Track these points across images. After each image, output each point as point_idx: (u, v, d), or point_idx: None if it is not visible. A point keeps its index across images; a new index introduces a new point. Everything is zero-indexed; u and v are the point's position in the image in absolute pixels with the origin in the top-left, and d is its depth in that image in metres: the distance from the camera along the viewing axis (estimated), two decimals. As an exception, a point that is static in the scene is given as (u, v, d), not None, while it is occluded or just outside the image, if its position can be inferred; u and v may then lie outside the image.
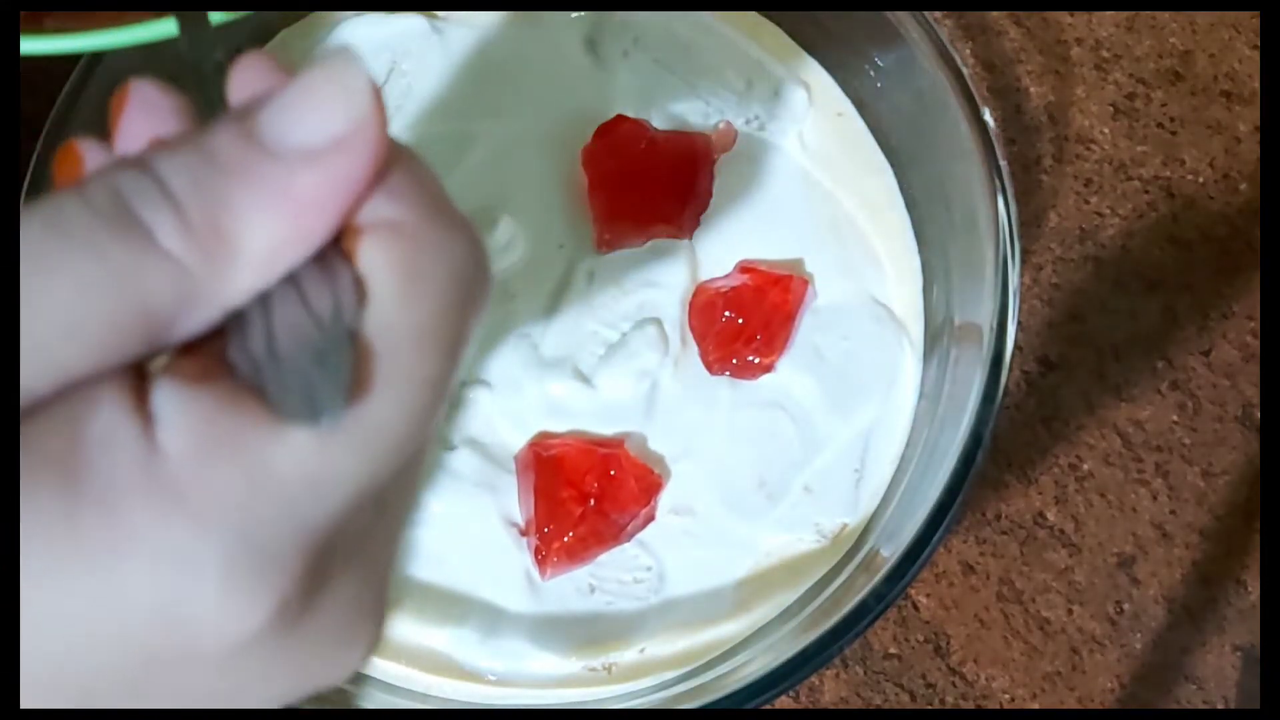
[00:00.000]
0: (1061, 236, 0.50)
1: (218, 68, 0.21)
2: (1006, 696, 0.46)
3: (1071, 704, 0.46)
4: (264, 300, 0.17)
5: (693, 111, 0.45)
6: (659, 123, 0.45)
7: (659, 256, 0.44)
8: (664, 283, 0.43)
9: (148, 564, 0.15)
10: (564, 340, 0.43)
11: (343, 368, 0.17)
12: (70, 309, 0.16)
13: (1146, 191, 0.50)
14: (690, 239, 0.44)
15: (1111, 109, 0.51)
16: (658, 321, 0.43)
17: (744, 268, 0.44)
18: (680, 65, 0.46)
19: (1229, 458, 0.48)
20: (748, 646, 0.41)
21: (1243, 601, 0.47)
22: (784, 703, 0.45)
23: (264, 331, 0.17)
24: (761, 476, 0.43)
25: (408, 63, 0.46)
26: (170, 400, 0.16)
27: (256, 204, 0.17)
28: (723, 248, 0.44)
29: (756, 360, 0.43)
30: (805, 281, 0.44)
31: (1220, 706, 0.46)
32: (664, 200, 0.44)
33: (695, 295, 0.43)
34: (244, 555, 0.16)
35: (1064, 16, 0.52)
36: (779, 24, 0.47)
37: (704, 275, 0.44)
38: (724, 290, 0.43)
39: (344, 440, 0.17)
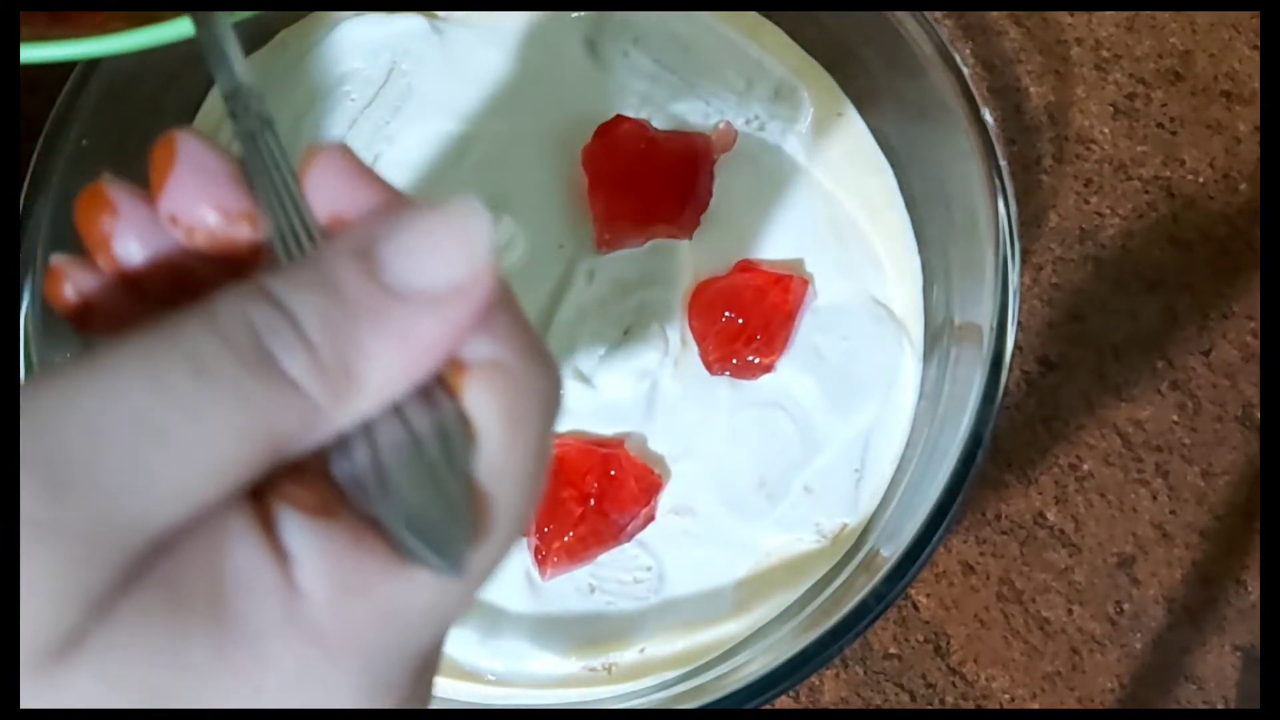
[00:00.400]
0: (1061, 236, 0.50)
1: (264, 124, 0.21)
2: (1006, 696, 0.46)
3: (1071, 704, 0.46)
4: (369, 424, 0.18)
5: (693, 111, 0.45)
6: (659, 123, 0.45)
7: (659, 256, 0.44)
8: (664, 283, 0.43)
9: (290, 696, 0.17)
10: (564, 340, 0.43)
11: (465, 514, 0.18)
12: (213, 450, 0.16)
13: (1146, 191, 0.50)
14: (690, 239, 0.44)
15: (1111, 109, 0.51)
16: (658, 321, 0.43)
17: (744, 268, 0.44)
18: (680, 65, 0.46)
19: (1229, 458, 0.48)
20: (748, 646, 0.41)
21: (1243, 601, 0.47)
22: (784, 703, 0.45)
23: (367, 449, 0.18)
24: (761, 476, 0.43)
25: (407, 63, 0.46)
26: (302, 538, 0.17)
27: (381, 345, 0.18)
28: (723, 248, 0.44)
29: (756, 360, 0.43)
30: (805, 281, 0.44)
31: (1220, 707, 0.46)
32: (664, 200, 0.44)
33: (695, 295, 0.43)
34: (370, 685, 0.17)
35: (1064, 16, 0.52)
36: (779, 24, 0.47)
37: (704, 275, 0.44)
38: (724, 290, 0.43)
39: (460, 579, 0.18)
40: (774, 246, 0.44)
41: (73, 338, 0.41)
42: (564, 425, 0.42)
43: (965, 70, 0.40)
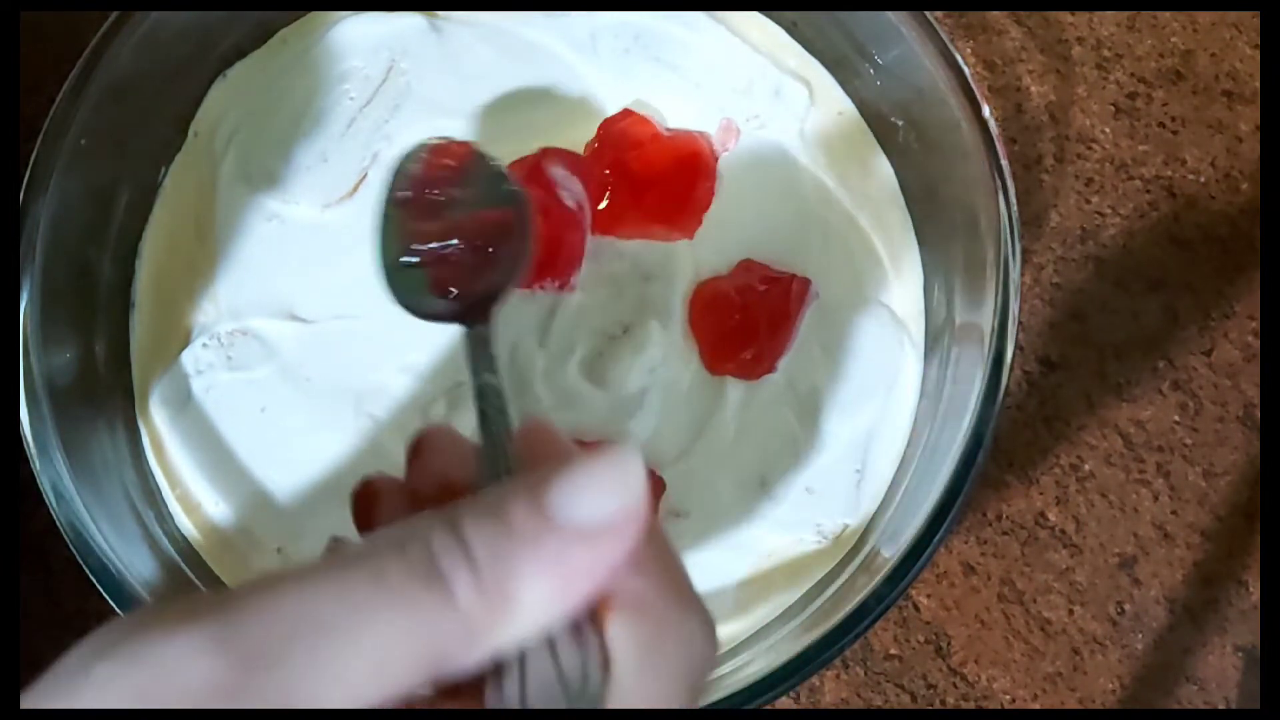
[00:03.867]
0: (1063, 236, 0.50)
1: (501, 413, 0.27)
2: (1007, 697, 0.46)
3: (1072, 705, 0.46)
4: (522, 655, 0.20)
5: (693, 111, 0.45)
6: (659, 122, 0.45)
7: (660, 255, 0.44)
8: (665, 281, 0.43)
9: None
10: (564, 338, 0.43)
11: None
12: (380, 650, 0.19)
13: (1148, 191, 0.50)
14: (691, 238, 0.44)
15: (1113, 108, 0.51)
16: (658, 320, 0.43)
17: (745, 267, 0.43)
18: (681, 64, 0.46)
19: (1230, 458, 0.48)
20: (748, 647, 0.41)
21: (1244, 602, 0.46)
22: (784, 703, 0.45)
23: (518, 682, 0.20)
24: (762, 477, 0.42)
25: (406, 61, 0.46)
26: None
27: (537, 570, 0.20)
28: (723, 247, 0.44)
29: (757, 360, 0.43)
30: (805, 281, 0.43)
31: (1221, 707, 0.46)
32: (664, 199, 0.43)
33: (696, 294, 0.43)
34: None
35: (1065, 16, 0.52)
36: (779, 24, 0.47)
37: (705, 274, 0.44)
38: (725, 289, 0.43)
39: None
40: (775, 246, 0.44)
41: (72, 339, 0.41)
42: (563, 425, 0.42)
43: (966, 69, 0.40)
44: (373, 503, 0.27)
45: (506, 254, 0.35)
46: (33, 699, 0.18)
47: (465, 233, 0.35)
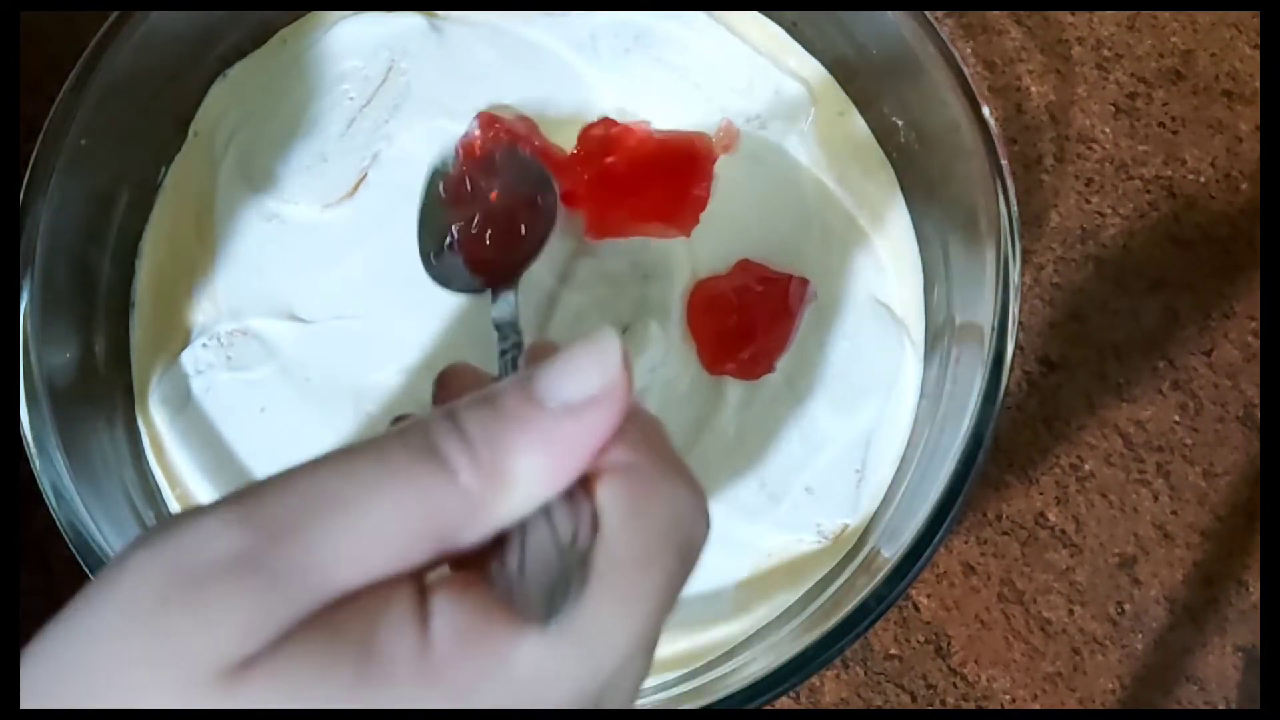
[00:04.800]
0: (1063, 236, 0.50)
1: (517, 347, 0.32)
2: (1007, 697, 0.46)
3: (1072, 705, 0.46)
4: (521, 528, 0.22)
5: (693, 111, 0.45)
6: (659, 122, 0.45)
7: (659, 255, 0.44)
8: (664, 281, 0.43)
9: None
10: (562, 338, 0.43)
11: (573, 582, 0.21)
12: (386, 522, 0.20)
13: (1148, 191, 0.50)
14: (688, 236, 0.44)
15: (1113, 108, 0.51)
16: (657, 320, 0.43)
17: (744, 267, 0.43)
18: (680, 65, 0.46)
19: (1230, 458, 0.48)
20: (748, 647, 0.41)
21: (1244, 602, 0.46)
22: (784, 703, 0.45)
23: (519, 552, 0.21)
24: (762, 477, 0.42)
25: (406, 61, 0.46)
26: (442, 602, 0.21)
27: (528, 446, 0.21)
28: (723, 247, 0.44)
29: (756, 360, 0.43)
30: (805, 281, 0.43)
31: (1221, 707, 0.46)
32: (664, 199, 0.43)
33: (695, 294, 0.43)
34: None
35: (1065, 16, 0.52)
36: (779, 24, 0.47)
37: (704, 274, 0.44)
38: (724, 289, 0.43)
39: (567, 644, 0.20)
40: (774, 246, 0.44)
41: (72, 339, 0.41)
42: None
43: (966, 70, 0.40)
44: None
45: (534, 230, 0.39)
46: (80, 597, 0.20)
47: (499, 215, 0.39)
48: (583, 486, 0.22)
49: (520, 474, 0.21)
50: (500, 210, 0.40)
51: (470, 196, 0.40)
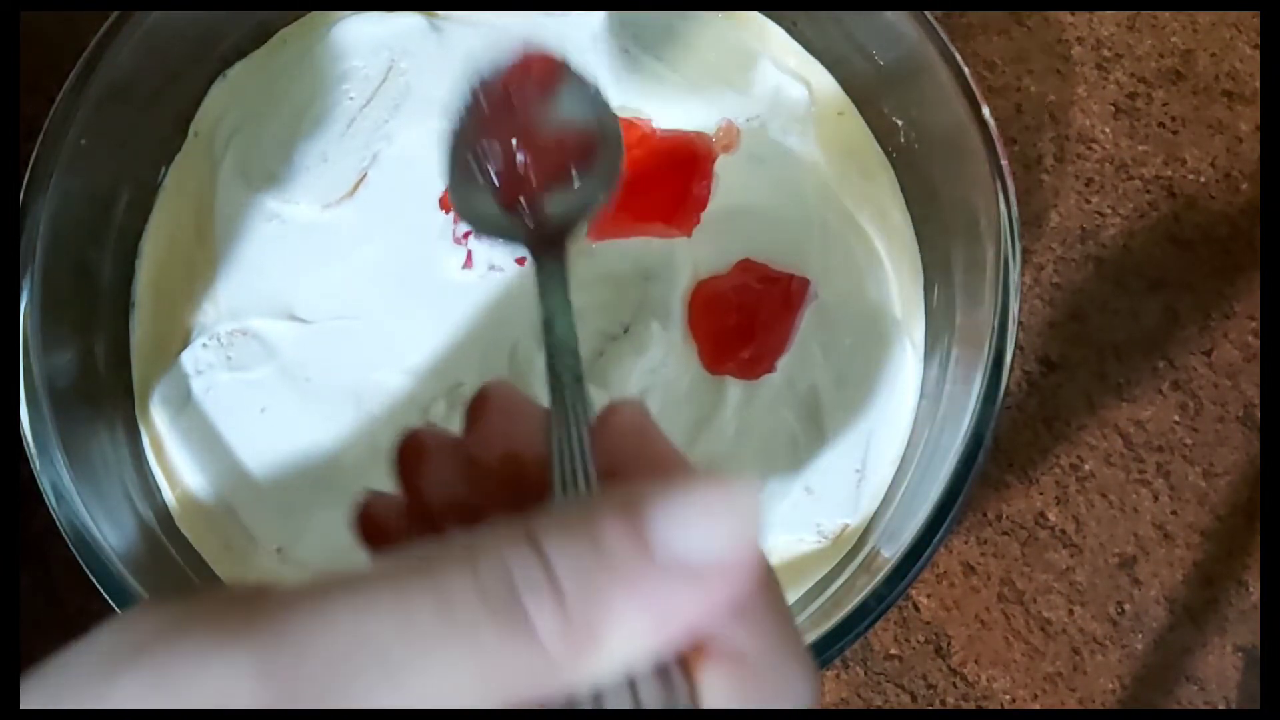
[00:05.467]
0: (1063, 236, 0.50)
1: (576, 379, 0.23)
2: (1007, 697, 0.46)
3: (1072, 705, 0.46)
4: (598, 694, 0.18)
5: (693, 111, 0.45)
6: (659, 122, 0.45)
7: (659, 255, 0.44)
8: (664, 281, 0.43)
9: None
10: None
11: None
12: (440, 690, 0.16)
13: (1148, 191, 0.50)
14: (689, 235, 0.44)
15: (1113, 108, 0.51)
16: (658, 320, 0.43)
17: (745, 267, 0.43)
18: (681, 64, 0.46)
19: (1230, 458, 0.48)
20: (748, 647, 0.41)
21: (1244, 602, 0.46)
22: (784, 703, 0.45)
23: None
24: (762, 476, 0.42)
25: (406, 61, 0.46)
26: None
27: (630, 609, 0.17)
28: (723, 247, 0.44)
29: (756, 360, 0.43)
30: (805, 281, 0.43)
31: (1222, 707, 0.46)
32: (664, 199, 0.43)
33: (695, 294, 0.43)
34: None
35: (1065, 16, 0.52)
36: (779, 24, 0.47)
37: (705, 274, 0.44)
38: (724, 289, 0.43)
39: None
40: (774, 246, 0.44)
41: (72, 339, 0.41)
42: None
43: (966, 69, 0.40)
44: (418, 460, 0.23)
45: (587, 180, 0.31)
46: (45, 697, 0.16)
47: (540, 146, 0.31)
48: (678, 658, 0.18)
49: (613, 641, 0.17)
50: (550, 142, 0.32)
51: (512, 116, 0.32)
